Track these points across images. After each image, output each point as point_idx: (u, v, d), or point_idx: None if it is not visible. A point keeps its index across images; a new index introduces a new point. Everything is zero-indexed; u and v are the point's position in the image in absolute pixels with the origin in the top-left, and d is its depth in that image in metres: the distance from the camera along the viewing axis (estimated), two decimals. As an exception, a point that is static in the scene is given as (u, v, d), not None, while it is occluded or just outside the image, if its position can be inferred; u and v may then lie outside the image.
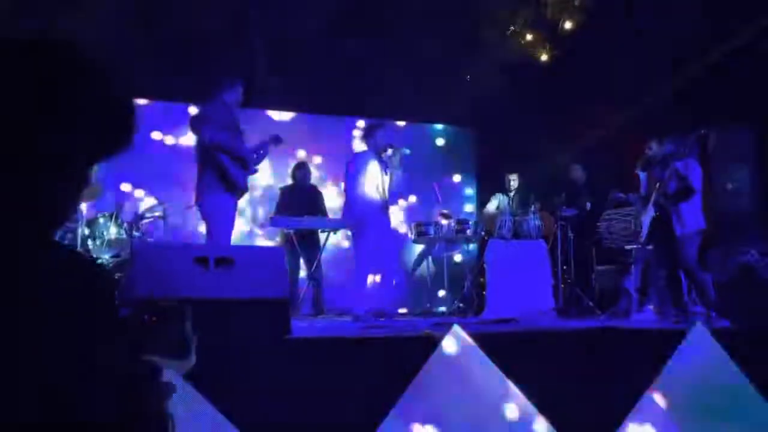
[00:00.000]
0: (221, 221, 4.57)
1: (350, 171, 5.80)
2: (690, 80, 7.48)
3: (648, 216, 5.84)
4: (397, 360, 3.51)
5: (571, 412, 3.71)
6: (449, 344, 3.54)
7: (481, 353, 3.60)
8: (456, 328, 3.64)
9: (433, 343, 3.57)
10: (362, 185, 5.61)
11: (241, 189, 4.59)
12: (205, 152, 4.57)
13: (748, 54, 7.08)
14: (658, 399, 3.82)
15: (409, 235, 7.31)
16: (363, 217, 5.52)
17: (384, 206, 5.70)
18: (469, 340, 3.60)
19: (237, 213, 4.74)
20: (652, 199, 5.80)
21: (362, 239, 5.52)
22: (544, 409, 3.69)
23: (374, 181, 5.65)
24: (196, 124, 4.70)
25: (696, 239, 5.74)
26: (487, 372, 3.56)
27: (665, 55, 7.64)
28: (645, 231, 5.86)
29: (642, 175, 6.13)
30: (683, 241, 5.67)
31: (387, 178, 5.82)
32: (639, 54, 7.69)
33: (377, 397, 3.37)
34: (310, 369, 3.31)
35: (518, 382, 3.67)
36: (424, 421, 3.36)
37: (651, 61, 7.69)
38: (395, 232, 5.70)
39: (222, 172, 4.58)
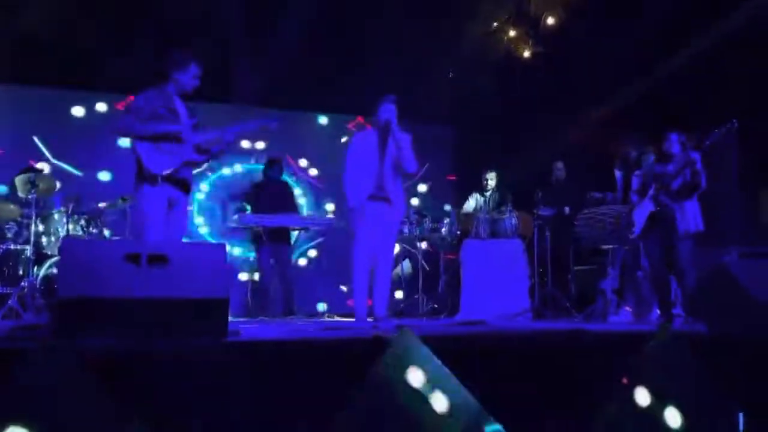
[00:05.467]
0: (144, 216, 4.31)
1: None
2: (670, 78, 7.32)
3: (643, 211, 5.57)
4: (343, 363, 3.32)
5: (528, 417, 3.54)
6: (397, 346, 3.34)
7: (432, 355, 3.41)
8: (405, 329, 3.45)
9: (382, 345, 3.38)
10: (350, 171, 5.30)
11: (161, 176, 4.28)
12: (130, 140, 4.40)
13: (727, 49, 6.93)
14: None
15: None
16: (351, 208, 5.25)
17: (378, 189, 5.23)
18: (419, 342, 3.40)
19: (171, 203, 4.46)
20: (650, 194, 5.52)
21: (354, 234, 5.22)
22: (497, 414, 3.52)
23: (366, 162, 5.25)
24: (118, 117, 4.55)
25: (693, 240, 5.52)
26: (436, 375, 3.36)
27: (646, 54, 7.49)
28: (639, 227, 5.58)
29: (618, 174, 5.92)
30: (682, 241, 5.43)
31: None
32: (620, 52, 7.54)
33: (320, 402, 3.19)
34: (249, 373, 3.12)
35: (472, 386, 3.50)
36: (367, 426, 3.17)
37: (632, 60, 7.55)
38: (393, 215, 5.24)
39: (138, 162, 4.36)
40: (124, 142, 7.38)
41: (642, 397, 3.44)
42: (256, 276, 7.40)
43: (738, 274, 4.83)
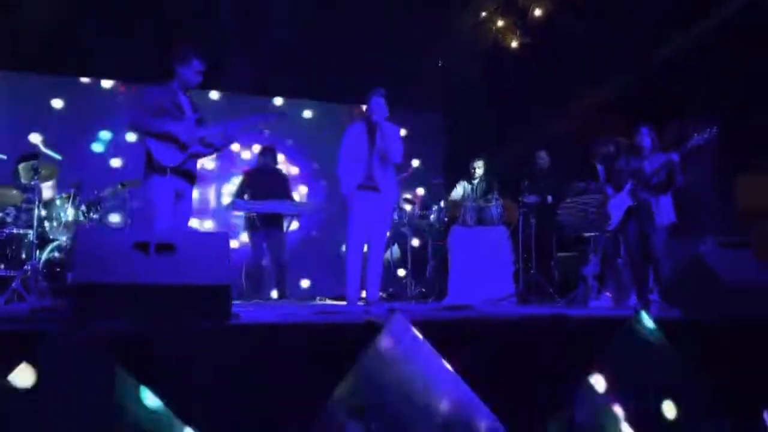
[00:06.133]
0: (152, 206, 4.55)
1: None
2: (656, 70, 7.52)
3: (621, 204, 5.84)
4: (337, 346, 3.53)
5: (514, 399, 3.77)
6: (389, 331, 3.57)
7: (422, 340, 3.64)
8: (397, 314, 3.67)
9: (374, 330, 3.60)
10: (343, 162, 5.53)
11: (170, 168, 4.54)
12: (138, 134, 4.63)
13: (716, 41, 7.13)
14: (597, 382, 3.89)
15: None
16: (345, 197, 5.50)
17: (368, 179, 5.46)
18: (411, 327, 3.63)
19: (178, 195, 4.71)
20: (628, 188, 5.79)
21: (347, 221, 5.46)
22: (486, 398, 3.74)
23: (356, 153, 5.48)
24: (130, 111, 4.77)
25: (667, 231, 5.78)
26: (426, 360, 3.59)
27: (633, 46, 7.68)
28: (616, 219, 5.86)
29: (600, 168, 6.16)
30: (657, 232, 5.71)
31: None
32: (607, 44, 7.73)
33: (316, 384, 3.41)
34: (250, 355, 3.33)
35: (462, 370, 3.72)
36: (360, 408, 3.40)
37: (618, 52, 7.73)
38: (383, 203, 5.46)
39: (148, 154, 4.61)
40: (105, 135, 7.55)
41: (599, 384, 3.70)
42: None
43: (712, 263, 5.10)
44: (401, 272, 7.54)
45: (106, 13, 7.19)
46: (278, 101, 8.97)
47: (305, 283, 8.62)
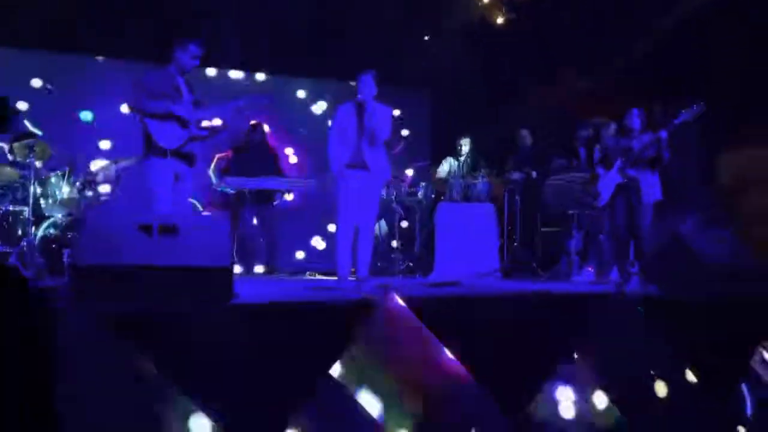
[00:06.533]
0: (152, 188, 4.70)
1: None
2: (640, 51, 7.65)
3: (611, 182, 6.02)
4: (334, 324, 3.70)
5: (500, 373, 3.96)
6: (383, 309, 3.74)
7: (414, 318, 3.82)
8: (392, 293, 3.85)
9: (371, 307, 3.77)
10: (332, 141, 5.64)
11: (170, 150, 4.68)
12: (139, 119, 4.73)
13: (698, 25, 7.27)
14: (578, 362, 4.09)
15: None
16: (334, 176, 5.62)
17: (357, 159, 5.55)
18: (403, 305, 3.81)
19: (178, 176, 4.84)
20: (617, 166, 5.97)
21: (336, 200, 5.59)
22: (474, 371, 3.93)
23: (346, 133, 5.58)
24: (129, 93, 4.85)
25: (653, 208, 6.00)
26: (418, 336, 3.77)
27: (619, 25, 7.78)
28: (606, 196, 6.05)
29: (582, 151, 6.35)
30: (644, 208, 5.93)
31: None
32: (592, 23, 7.84)
33: (316, 360, 3.57)
34: (252, 334, 3.48)
35: (451, 346, 3.91)
36: (358, 384, 3.58)
37: (603, 31, 7.84)
38: (372, 181, 5.64)
39: (147, 136, 4.73)
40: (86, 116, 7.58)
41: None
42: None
43: (691, 242, 5.31)
44: (394, 243, 7.70)
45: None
46: (260, 77, 9.02)
47: (300, 254, 8.77)
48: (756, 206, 7.15)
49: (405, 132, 8.09)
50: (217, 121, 5.12)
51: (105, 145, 7.86)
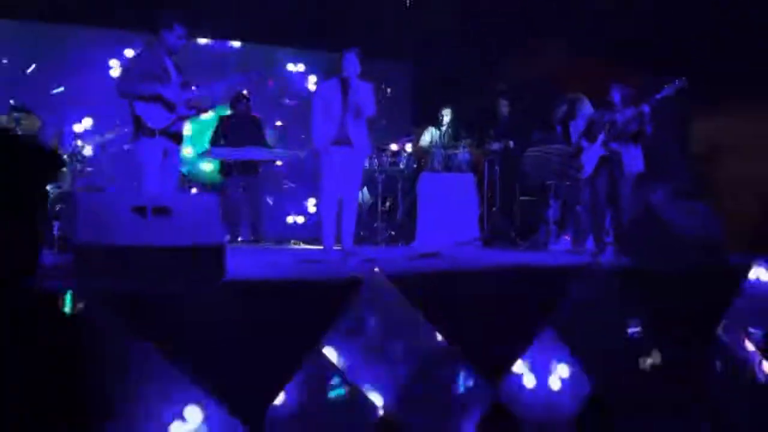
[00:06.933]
0: (142, 166, 4.87)
1: None
2: (622, 20, 7.73)
3: (594, 155, 6.20)
4: (321, 301, 3.86)
5: (482, 344, 4.16)
6: (369, 286, 3.92)
7: (399, 294, 4.00)
8: (377, 270, 4.02)
9: (356, 284, 3.94)
10: (316, 117, 5.73)
11: (159, 130, 4.83)
12: (129, 102, 4.85)
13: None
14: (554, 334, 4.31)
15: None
16: (318, 152, 5.74)
17: (341, 135, 5.66)
18: (388, 282, 3.99)
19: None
20: (600, 139, 6.15)
21: (320, 175, 5.72)
22: (457, 342, 4.13)
23: (329, 110, 5.68)
24: (118, 75, 4.96)
25: (634, 180, 6.20)
26: (403, 312, 3.96)
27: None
28: (589, 169, 6.22)
29: (558, 128, 6.53)
30: (625, 180, 6.13)
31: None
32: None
33: (304, 336, 3.75)
34: (243, 310, 3.64)
35: (434, 320, 4.10)
36: (347, 358, 3.78)
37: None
38: (355, 157, 5.77)
39: (136, 118, 4.87)
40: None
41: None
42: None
43: (663, 213, 5.50)
44: (388, 205, 7.86)
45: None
46: (236, 44, 9.04)
47: (292, 219, 8.90)
48: (728, 176, 7.38)
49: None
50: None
51: (87, 116, 7.87)
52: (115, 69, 7.96)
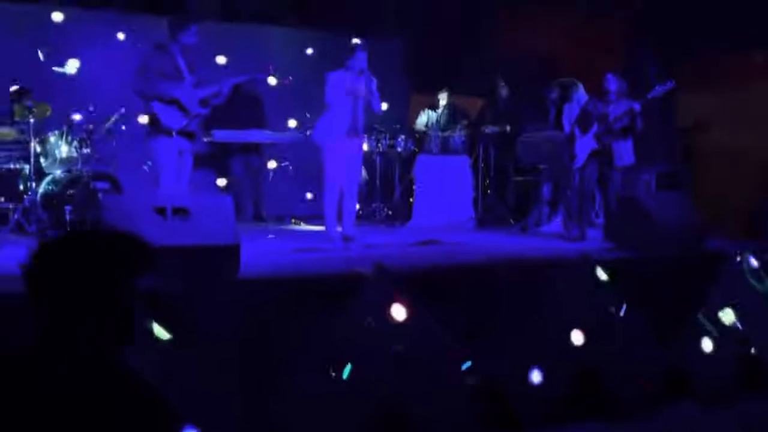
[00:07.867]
0: (159, 164, 5.16)
1: None
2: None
3: (586, 146, 6.46)
4: (328, 294, 4.13)
5: (480, 337, 4.44)
6: (373, 281, 4.19)
7: (401, 288, 4.27)
8: (380, 265, 4.29)
9: (360, 279, 4.21)
10: (328, 108, 5.88)
11: (175, 130, 5.08)
12: (143, 100, 5.07)
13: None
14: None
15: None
16: (322, 144, 5.92)
17: (352, 127, 5.84)
18: (391, 277, 4.26)
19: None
20: (593, 132, 6.40)
21: (325, 165, 5.92)
22: (457, 336, 4.40)
23: (340, 103, 5.82)
24: (133, 75, 5.14)
25: (624, 171, 6.49)
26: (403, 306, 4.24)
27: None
28: (581, 159, 6.48)
29: (552, 110, 6.77)
30: (615, 172, 6.43)
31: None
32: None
33: (311, 330, 4.01)
34: (255, 306, 3.90)
35: (434, 314, 4.37)
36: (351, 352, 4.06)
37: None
38: (358, 147, 6.09)
39: (152, 117, 5.13)
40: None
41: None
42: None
43: (646, 204, 5.78)
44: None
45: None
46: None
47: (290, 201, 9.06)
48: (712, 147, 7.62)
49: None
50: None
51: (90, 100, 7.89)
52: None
